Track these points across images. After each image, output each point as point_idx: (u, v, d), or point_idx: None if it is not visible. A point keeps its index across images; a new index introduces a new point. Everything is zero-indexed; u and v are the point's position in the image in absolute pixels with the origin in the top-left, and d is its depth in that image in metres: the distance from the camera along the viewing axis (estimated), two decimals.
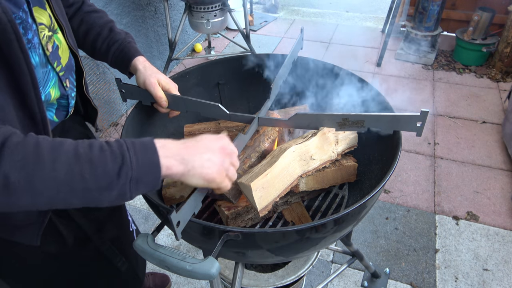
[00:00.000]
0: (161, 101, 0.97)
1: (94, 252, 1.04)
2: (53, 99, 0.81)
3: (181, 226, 0.68)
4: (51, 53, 0.77)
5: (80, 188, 0.55)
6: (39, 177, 0.53)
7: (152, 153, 0.60)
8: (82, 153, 0.55)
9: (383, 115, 0.85)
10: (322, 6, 4.71)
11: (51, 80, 0.79)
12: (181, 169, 0.63)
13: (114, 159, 0.57)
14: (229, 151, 0.71)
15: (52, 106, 0.83)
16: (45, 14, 0.76)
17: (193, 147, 0.66)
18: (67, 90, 0.85)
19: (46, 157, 0.53)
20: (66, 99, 0.86)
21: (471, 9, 3.22)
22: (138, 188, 0.59)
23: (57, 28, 0.81)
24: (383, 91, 1.07)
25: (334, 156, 1.00)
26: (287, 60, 1.11)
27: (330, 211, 1.06)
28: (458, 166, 2.30)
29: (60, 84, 0.82)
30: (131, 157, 0.58)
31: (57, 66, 0.80)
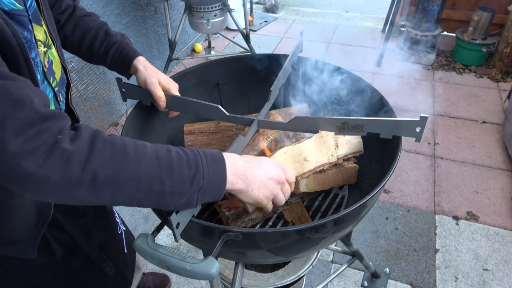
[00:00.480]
0: (159, 101, 0.97)
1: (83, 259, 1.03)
2: None
3: (180, 227, 0.68)
4: (47, 69, 0.77)
5: (157, 190, 0.56)
6: (125, 176, 0.54)
7: (222, 167, 0.63)
8: (162, 157, 0.57)
9: (382, 120, 0.86)
10: (322, 6, 4.71)
11: (48, 95, 0.77)
12: (242, 187, 0.68)
13: (190, 166, 0.58)
14: (283, 180, 0.75)
15: None
16: (41, 30, 0.75)
17: (256, 169, 0.70)
18: (60, 104, 0.84)
19: (132, 158, 0.55)
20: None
21: (471, 9, 3.22)
22: (203, 198, 0.62)
23: (51, 44, 0.80)
24: (383, 91, 1.07)
25: (333, 159, 1.00)
26: (287, 63, 1.11)
27: (330, 211, 1.06)
28: (458, 166, 2.30)
29: (55, 99, 0.81)
30: (204, 167, 0.60)
31: (52, 82, 0.79)
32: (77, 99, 2.18)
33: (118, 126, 2.63)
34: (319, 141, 1.00)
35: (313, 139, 1.00)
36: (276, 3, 4.38)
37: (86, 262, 1.04)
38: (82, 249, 1.01)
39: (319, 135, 1.00)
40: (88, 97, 2.29)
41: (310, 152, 0.97)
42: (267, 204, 0.74)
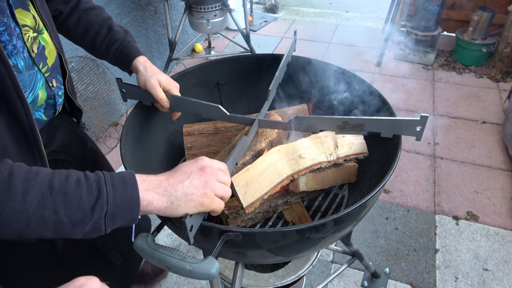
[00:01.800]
0: (162, 102, 0.96)
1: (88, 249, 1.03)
2: (40, 100, 0.80)
3: (193, 230, 0.68)
4: (36, 54, 0.76)
5: (52, 221, 0.52)
6: (9, 208, 0.50)
7: (133, 188, 0.57)
8: (56, 185, 0.53)
9: (383, 119, 0.86)
10: (322, 6, 4.71)
11: (38, 81, 0.77)
12: (164, 202, 0.60)
13: (90, 192, 0.54)
14: (211, 169, 0.67)
15: (40, 107, 0.82)
16: (29, 15, 0.74)
17: (172, 177, 0.62)
18: (53, 90, 0.84)
19: (18, 188, 0.51)
20: (53, 98, 0.85)
21: (471, 9, 3.22)
22: (114, 224, 0.57)
23: (43, 28, 0.79)
24: (383, 91, 1.07)
25: (332, 158, 1.00)
26: (283, 62, 1.12)
27: (330, 211, 1.06)
28: (458, 166, 2.30)
29: (47, 85, 0.81)
30: (109, 191, 0.55)
31: (42, 67, 0.78)
32: (77, 99, 2.17)
33: (118, 126, 2.63)
34: (316, 141, 1.00)
35: (310, 138, 1.00)
36: (276, 3, 4.38)
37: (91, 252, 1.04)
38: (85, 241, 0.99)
39: (315, 135, 1.00)
40: (88, 97, 2.29)
41: (305, 150, 0.97)
42: (212, 203, 0.66)
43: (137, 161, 0.99)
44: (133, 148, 0.99)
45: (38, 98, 0.78)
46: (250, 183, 0.87)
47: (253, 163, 0.90)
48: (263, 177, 0.89)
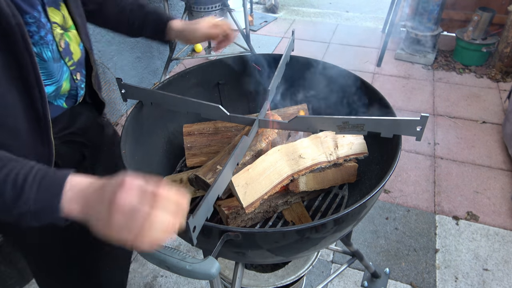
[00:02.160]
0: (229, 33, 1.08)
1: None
2: (64, 90, 0.87)
3: (196, 231, 0.68)
4: (63, 49, 0.83)
5: None
6: None
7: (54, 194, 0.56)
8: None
9: (383, 119, 0.86)
10: (322, 6, 4.71)
11: (64, 73, 0.85)
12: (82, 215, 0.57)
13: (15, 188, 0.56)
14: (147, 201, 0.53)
15: (63, 96, 0.89)
16: (59, 14, 0.82)
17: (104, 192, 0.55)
18: (76, 82, 0.91)
19: None
20: (76, 90, 0.92)
21: (471, 9, 3.22)
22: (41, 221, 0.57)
23: (70, 26, 0.87)
24: (383, 91, 1.07)
25: (332, 158, 1.00)
26: (281, 62, 1.12)
27: (330, 211, 1.06)
28: (458, 166, 2.30)
29: (71, 77, 0.88)
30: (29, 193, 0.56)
31: (68, 61, 0.86)
32: None
33: (118, 126, 2.63)
34: (316, 141, 1.00)
35: (310, 138, 1.00)
36: (276, 3, 4.38)
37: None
38: None
39: (315, 135, 1.00)
40: None
41: (305, 150, 0.97)
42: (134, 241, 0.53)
43: (137, 161, 0.99)
44: (133, 148, 0.99)
45: (61, 88, 0.85)
46: (250, 183, 0.87)
47: (253, 163, 0.90)
48: (263, 177, 0.89)
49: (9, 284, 1.68)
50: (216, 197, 0.76)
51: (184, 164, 1.21)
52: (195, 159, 1.15)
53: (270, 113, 1.11)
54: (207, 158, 1.14)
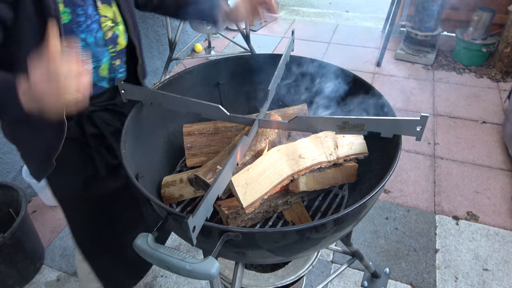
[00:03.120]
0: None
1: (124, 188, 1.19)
2: (102, 71, 1.03)
3: (196, 231, 0.68)
4: (109, 38, 0.99)
5: None
6: None
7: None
8: None
9: (383, 119, 0.86)
10: (322, 6, 4.71)
11: (105, 57, 1.01)
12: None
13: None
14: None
15: (104, 79, 1.06)
16: (110, 10, 0.99)
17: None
18: (115, 67, 1.07)
19: None
20: (114, 73, 1.08)
21: (471, 9, 3.22)
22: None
23: (120, 22, 1.02)
24: (383, 91, 1.07)
25: (332, 158, 1.00)
26: (281, 62, 1.12)
27: (330, 211, 1.06)
28: (458, 166, 2.30)
29: (110, 62, 1.04)
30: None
31: (111, 49, 1.02)
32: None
33: None
34: (316, 141, 1.00)
35: (310, 138, 1.00)
36: (276, 3, 4.38)
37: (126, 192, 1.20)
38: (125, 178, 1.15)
39: (315, 135, 1.00)
40: None
41: (305, 150, 0.97)
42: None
43: (137, 161, 0.99)
44: (133, 148, 0.99)
45: (99, 68, 1.02)
46: (250, 183, 0.87)
47: (253, 163, 0.90)
48: (263, 177, 0.89)
49: (9, 284, 1.68)
50: (216, 197, 0.76)
51: (184, 164, 1.21)
52: (195, 159, 1.15)
53: (270, 113, 1.11)
54: (207, 158, 1.14)
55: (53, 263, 1.85)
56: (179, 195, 1.07)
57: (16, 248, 1.64)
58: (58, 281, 1.77)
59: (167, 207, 0.78)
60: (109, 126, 1.13)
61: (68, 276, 1.78)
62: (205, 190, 1.00)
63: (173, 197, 1.07)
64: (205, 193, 0.73)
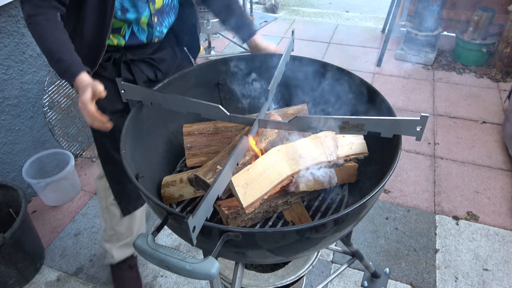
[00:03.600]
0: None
1: None
2: (142, 23, 1.22)
3: (196, 231, 0.68)
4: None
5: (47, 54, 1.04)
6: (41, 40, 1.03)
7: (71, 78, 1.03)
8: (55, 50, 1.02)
9: (383, 119, 0.86)
10: (322, 6, 4.71)
11: (145, 11, 1.19)
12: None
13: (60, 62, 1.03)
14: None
15: (143, 32, 1.25)
16: None
17: None
18: (153, 23, 1.24)
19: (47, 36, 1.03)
20: (152, 29, 1.25)
21: (471, 9, 3.22)
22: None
23: None
24: (383, 91, 1.07)
25: (332, 158, 1.00)
26: (281, 62, 1.12)
27: (330, 211, 1.06)
28: (458, 166, 2.30)
29: (150, 17, 1.22)
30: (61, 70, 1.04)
31: (151, 6, 1.19)
32: (78, 98, 2.18)
33: None
34: (316, 141, 1.00)
35: (310, 139, 1.00)
36: (276, 3, 4.38)
37: None
38: None
39: (315, 135, 1.00)
40: None
41: (305, 150, 0.97)
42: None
43: (137, 161, 0.99)
44: (133, 148, 0.99)
45: (139, 20, 1.20)
46: (250, 183, 0.87)
47: (253, 163, 0.90)
48: (263, 177, 0.89)
49: (9, 284, 1.68)
50: (216, 197, 0.76)
51: (184, 164, 1.21)
52: (195, 159, 1.15)
53: (270, 113, 1.11)
54: (207, 158, 1.14)
55: (53, 263, 1.85)
56: (179, 195, 1.07)
57: (16, 248, 1.64)
58: (58, 281, 1.77)
59: (167, 207, 0.78)
60: (143, 74, 1.30)
61: (68, 276, 1.78)
62: (205, 190, 1.00)
63: (173, 197, 1.07)
64: (205, 193, 0.73)
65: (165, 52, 1.38)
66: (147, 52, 1.30)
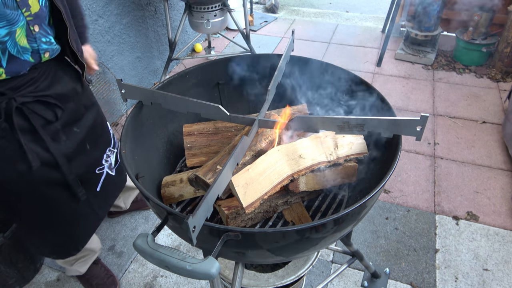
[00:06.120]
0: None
1: (61, 178, 1.21)
2: (20, 38, 0.97)
3: (196, 231, 0.68)
4: (20, 0, 0.93)
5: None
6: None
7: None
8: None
9: (383, 119, 0.86)
10: (322, 6, 4.71)
11: (19, 21, 0.95)
12: None
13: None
14: None
15: (26, 50, 1.00)
16: None
17: None
18: (34, 33, 1.00)
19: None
20: (35, 42, 1.02)
21: (471, 9, 3.22)
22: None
23: None
24: (383, 91, 1.07)
25: (332, 158, 1.00)
26: (281, 62, 1.12)
27: (330, 211, 1.06)
28: (458, 166, 2.30)
29: (28, 27, 0.98)
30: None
31: (25, 12, 0.96)
32: None
33: (118, 126, 2.63)
34: (316, 141, 1.00)
35: (310, 139, 1.00)
36: (276, 3, 4.38)
37: (62, 182, 1.23)
38: (61, 169, 1.19)
39: (315, 135, 1.00)
40: None
41: (305, 150, 0.97)
42: None
43: (137, 161, 0.99)
44: (133, 148, 0.99)
45: (15, 35, 0.95)
46: (250, 183, 0.87)
47: (253, 163, 0.90)
48: (263, 177, 0.89)
49: (9, 284, 1.68)
50: (216, 197, 0.76)
51: (184, 164, 1.21)
52: (195, 159, 1.15)
53: (270, 113, 1.11)
54: (207, 158, 1.14)
55: (53, 263, 1.85)
56: (179, 195, 1.07)
57: (16, 248, 1.64)
58: (58, 281, 1.77)
59: (167, 207, 0.78)
60: (39, 117, 1.09)
61: (68, 276, 1.78)
62: (205, 190, 1.00)
63: (173, 197, 1.07)
64: (205, 193, 0.73)
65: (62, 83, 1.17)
66: (39, 87, 1.08)
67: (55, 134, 1.16)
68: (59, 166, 1.17)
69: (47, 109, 1.11)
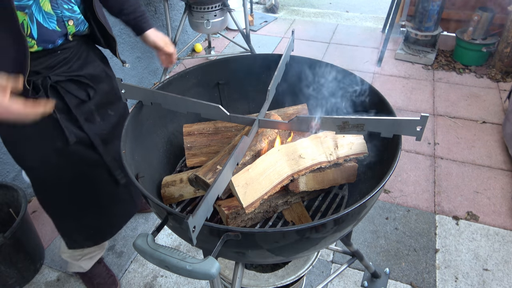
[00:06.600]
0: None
1: (99, 159, 1.25)
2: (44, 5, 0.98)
3: (196, 231, 0.68)
4: None
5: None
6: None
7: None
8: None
9: (383, 119, 0.86)
10: (322, 6, 4.71)
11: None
12: None
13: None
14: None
15: (52, 17, 1.02)
16: None
17: None
18: (58, 0, 1.02)
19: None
20: (60, 8, 1.03)
21: (471, 9, 3.22)
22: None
23: None
24: (383, 91, 1.07)
25: (332, 158, 1.00)
26: (281, 62, 1.12)
27: (330, 211, 1.06)
28: (458, 166, 2.30)
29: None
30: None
31: None
32: None
33: None
34: (316, 141, 1.00)
35: (310, 138, 1.00)
36: (276, 3, 4.38)
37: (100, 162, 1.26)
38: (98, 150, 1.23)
39: (315, 135, 1.00)
40: None
41: (305, 150, 0.97)
42: None
43: (137, 161, 0.99)
44: (133, 148, 0.99)
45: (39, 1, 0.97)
46: (250, 183, 0.87)
47: (253, 163, 0.90)
48: (263, 177, 0.89)
49: (9, 284, 1.68)
50: (216, 197, 0.76)
51: (184, 164, 1.21)
52: (195, 159, 1.15)
53: (270, 113, 1.11)
54: (207, 158, 1.14)
55: (53, 263, 1.85)
56: (179, 195, 1.07)
57: (16, 248, 1.64)
58: (58, 281, 1.77)
59: (167, 207, 0.78)
60: (73, 96, 1.14)
61: (68, 276, 1.78)
62: (205, 190, 1.00)
63: (173, 197, 1.07)
64: (205, 193, 0.73)
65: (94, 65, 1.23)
66: (72, 67, 1.13)
67: (89, 114, 1.21)
68: (94, 146, 1.22)
69: (80, 88, 1.16)
